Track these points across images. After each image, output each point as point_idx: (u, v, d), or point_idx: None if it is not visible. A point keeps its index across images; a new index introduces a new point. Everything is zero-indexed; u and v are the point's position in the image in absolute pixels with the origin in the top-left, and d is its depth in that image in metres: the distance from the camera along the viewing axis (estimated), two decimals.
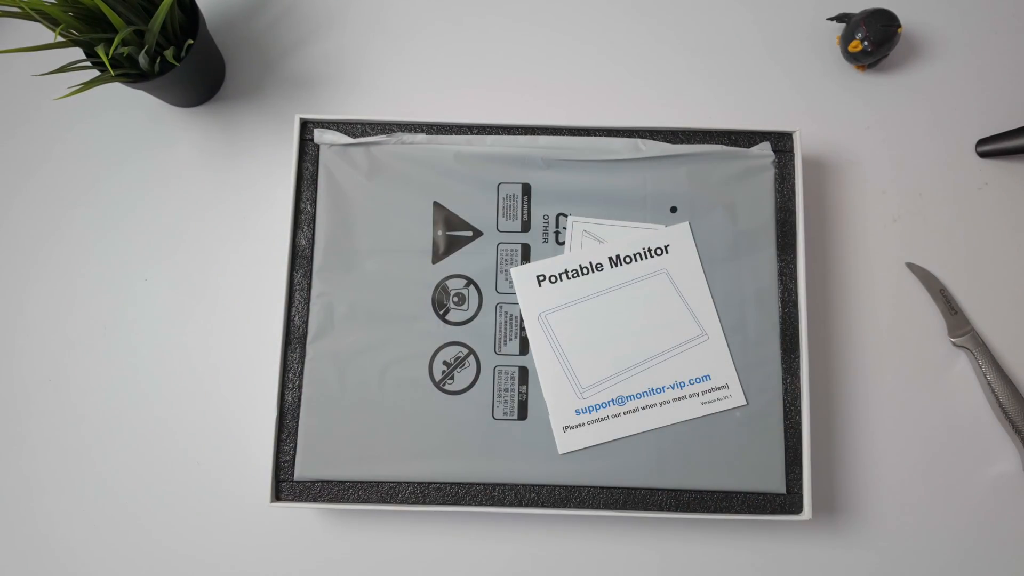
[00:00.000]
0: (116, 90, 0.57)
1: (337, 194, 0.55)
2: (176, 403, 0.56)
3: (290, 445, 0.52)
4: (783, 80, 0.62)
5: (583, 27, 0.63)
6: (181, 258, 0.59)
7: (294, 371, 0.53)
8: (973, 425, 0.56)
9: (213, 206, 0.59)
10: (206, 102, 0.61)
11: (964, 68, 0.62)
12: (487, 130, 0.56)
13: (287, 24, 0.63)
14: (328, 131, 0.56)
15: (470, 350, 0.53)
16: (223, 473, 0.55)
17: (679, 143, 0.56)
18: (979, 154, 0.60)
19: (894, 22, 0.58)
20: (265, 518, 0.55)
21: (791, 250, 0.55)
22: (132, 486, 0.55)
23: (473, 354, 0.53)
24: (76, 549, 0.54)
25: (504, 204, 0.55)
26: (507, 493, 0.52)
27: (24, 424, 0.56)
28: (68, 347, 0.57)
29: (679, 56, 0.63)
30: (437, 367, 0.53)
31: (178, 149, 0.60)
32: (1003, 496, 0.55)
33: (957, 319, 0.57)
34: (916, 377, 0.57)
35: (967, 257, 0.58)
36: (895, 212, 0.59)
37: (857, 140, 0.61)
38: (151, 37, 0.51)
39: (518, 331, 0.54)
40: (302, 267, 0.54)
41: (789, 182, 0.56)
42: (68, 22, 0.49)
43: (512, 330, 0.54)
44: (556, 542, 0.55)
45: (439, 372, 0.53)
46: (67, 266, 0.59)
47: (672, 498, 0.52)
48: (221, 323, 0.57)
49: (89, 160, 0.60)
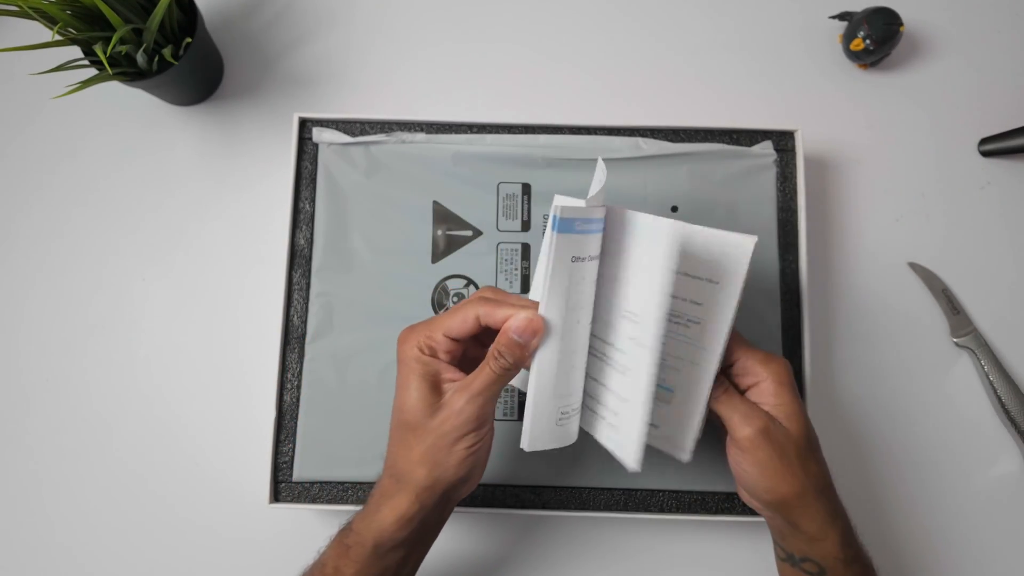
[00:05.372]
0: (114, 89, 0.57)
1: (336, 193, 0.55)
2: (174, 403, 0.56)
3: (289, 446, 0.52)
4: (785, 79, 0.62)
5: (583, 26, 0.63)
6: (179, 257, 0.58)
7: (293, 371, 0.53)
8: (975, 425, 0.56)
9: (211, 205, 0.59)
10: (204, 101, 0.61)
11: (967, 66, 0.62)
12: (487, 129, 0.56)
13: (286, 23, 0.63)
14: (327, 130, 0.56)
15: None
16: (221, 474, 0.55)
17: (680, 142, 0.56)
18: (982, 153, 0.60)
19: (896, 20, 0.57)
20: (264, 519, 0.54)
21: (793, 250, 0.55)
22: (130, 486, 0.55)
23: None
24: (75, 549, 0.54)
25: (504, 204, 0.55)
26: (507, 494, 0.52)
27: (22, 424, 0.56)
28: (65, 347, 0.57)
29: (680, 54, 0.62)
30: None
31: (176, 148, 0.60)
32: (1005, 496, 0.55)
33: (959, 319, 0.57)
34: (918, 377, 0.56)
35: (970, 257, 0.58)
36: (897, 211, 0.59)
37: (859, 139, 0.60)
38: (149, 35, 0.50)
39: None
40: (301, 267, 0.54)
41: (791, 181, 0.56)
42: (66, 20, 0.49)
43: None
44: (556, 543, 0.54)
45: None
46: (64, 265, 0.58)
47: (673, 499, 0.52)
48: (219, 323, 0.57)
49: (87, 159, 0.60)
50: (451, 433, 0.39)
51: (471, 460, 0.40)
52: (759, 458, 0.41)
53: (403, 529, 0.40)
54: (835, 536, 0.41)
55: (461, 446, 0.39)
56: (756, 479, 0.41)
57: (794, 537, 0.42)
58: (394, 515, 0.40)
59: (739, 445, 0.41)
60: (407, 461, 0.40)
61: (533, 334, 0.39)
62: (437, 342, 0.41)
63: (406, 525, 0.40)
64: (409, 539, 0.41)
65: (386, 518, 0.40)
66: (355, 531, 0.41)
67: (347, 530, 0.42)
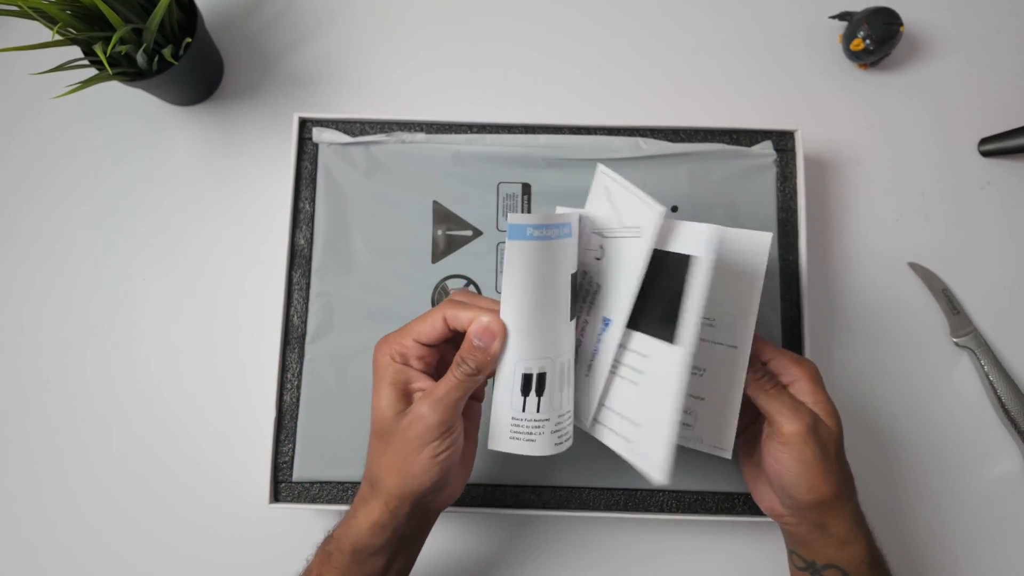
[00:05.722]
0: (114, 89, 0.57)
1: (336, 193, 0.55)
2: (174, 403, 0.56)
3: (289, 446, 0.52)
4: (785, 79, 0.62)
5: (583, 26, 0.63)
6: (179, 257, 0.58)
7: (293, 371, 0.53)
8: (975, 425, 0.56)
9: (211, 205, 0.59)
10: (204, 101, 0.61)
11: (966, 66, 0.62)
12: (487, 129, 0.56)
13: (286, 22, 0.63)
14: (327, 130, 0.56)
15: None
16: (222, 474, 0.55)
17: (680, 142, 0.56)
18: (981, 153, 0.60)
19: (896, 20, 0.57)
20: (264, 519, 0.54)
21: (793, 250, 0.55)
22: (131, 486, 0.55)
23: None
24: (75, 550, 0.54)
25: (504, 204, 0.55)
26: (507, 494, 0.52)
27: (22, 424, 0.56)
28: (65, 347, 0.57)
29: (680, 54, 0.62)
30: None
31: (176, 148, 0.60)
32: (1005, 496, 0.55)
33: (959, 319, 0.57)
34: (918, 377, 0.56)
35: (969, 257, 0.58)
36: (897, 211, 0.59)
37: (859, 139, 0.60)
38: (149, 35, 0.50)
39: None
40: (301, 267, 0.54)
41: (791, 181, 0.56)
42: (66, 20, 0.49)
43: None
44: (557, 543, 0.54)
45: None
46: (64, 265, 0.58)
47: (673, 499, 0.52)
48: (219, 323, 0.57)
49: (86, 159, 0.60)
50: (415, 440, 0.39)
51: (438, 468, 0.39)
52: (804, 454, 0.40)
53: (378, 536, 0.40)
54: (863, 539, 0.41)
55: (426, 453, 0.39)
56: (799, 476, 0.41)
57: (821, 542, 0.42)
58: (368, 521, 0.40)
59: (785, 440, 0.41)
60: (379, 468, 0.41)
61: (493, 337, 0.39)
62: (408, 348, 0.41)
63: (380, 532, 0.40)
64: (387, 545, 0.41)
65: (361, 524, 0.41)
66: (335, 537, 0.42)
67: (329, 537, 0.43)
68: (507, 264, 0.39)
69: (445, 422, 0.39)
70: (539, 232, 0.38)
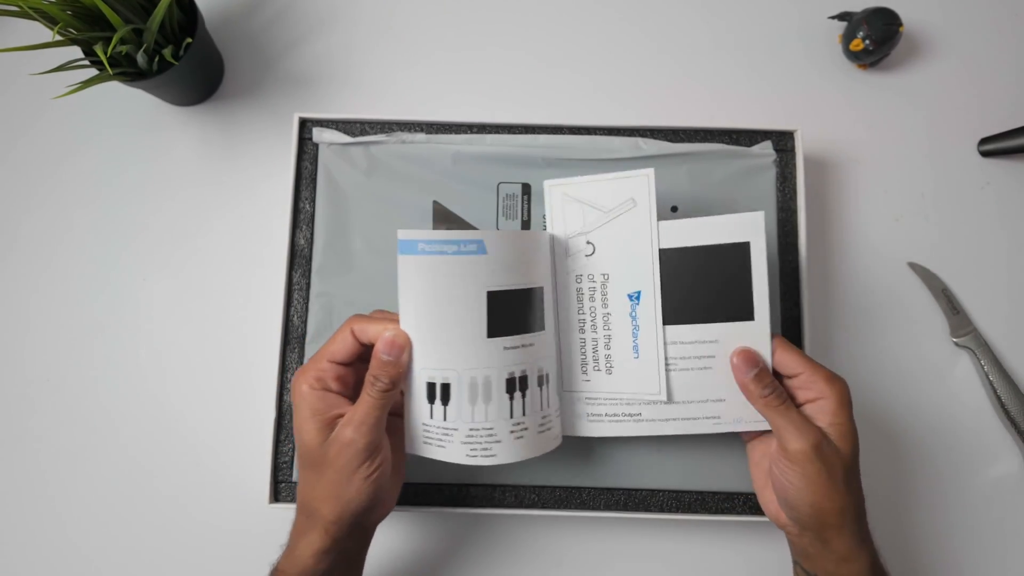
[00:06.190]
0: (114, 89, 0.57)
1: (336, 193, 0.55)
2: (175, 403, 0.56)
3: (289, 446, 0.52)
4: (784, 79, 0.62)
5: (583, 26, 0.63)
6: (179, 257, 0.58)
7: (293, 371, 0.53)
8: (975, 425, 0.56)
9: (211, 205, 0.59)
10: (205, 101, 0.61)
11: (966, 67, 0.62)
12: (487, 130, 0.56)
13: (286, 22, 0.63)
14: (327, 130, 0.56)
15: None
16: (222, 473, 0.55)
17: (680, 142, 0.56)
18: (981, 153, 0.60)
19: (896, 20, 0.57)
20: (264, 518, 0.54)
21: (792, 250, 0.55)
22: (130, 486, 0.55)
23: None
24: (74, 550, 0.54)
25: (504, 204, 0.55)
26: (507, 494, 0.52)
27: (22, 424, 0.56)
28: (65, 347, 0.57)
29: (680, 55, 0.62)
30: None
31: (176, 148, 0.60)
32: (1005, 496, 0.55)
33: (959, 319, 0.57)
34: (918, 377, 0.56)
35: (969, 257, 0.58)
36: (897, 211, 0.59)
37: (859, 139, 0.60)
38: (149, 36, 0.50)
39: None
40: (301, 267, 0.54)
41: (790, 181, 0.56)
42: (66, 21, 0.49)
43: None
44: (557, 543, 0.54)
45: None
46: (64, 265, 0.58)
47: (673, 499, 0.52)
48: (219, 323, 0.57)
49: (87, 159, 0.60)
50: (346, 467, 0.40)
51: (372, 487, 0.40)
52: (808, 472, 0.41)
53: (322, 562, 0.41)
54: (866, 558, 0.41)
55: (359, 476, 0.40)
56: (801, 492, 0.41)
57: (822, 557, 0.42)
58: (310, 550, 0.41)
59: (790, 457, 0.41)
60: (313, 498, 0.41)
61: (400, 350, 0.40)
62: (324, 370, 0.42)
63: (324, 558, 0.41)
64: (333, 568, 0.42)
65: (303, 554, 0.41)
66: (281, 571, 0.43)
67: (274, 570, 0.43)
68: (399, 278, 0.41)
69: (371, 443, 0.40)
70: (432, 248, 0.40)
